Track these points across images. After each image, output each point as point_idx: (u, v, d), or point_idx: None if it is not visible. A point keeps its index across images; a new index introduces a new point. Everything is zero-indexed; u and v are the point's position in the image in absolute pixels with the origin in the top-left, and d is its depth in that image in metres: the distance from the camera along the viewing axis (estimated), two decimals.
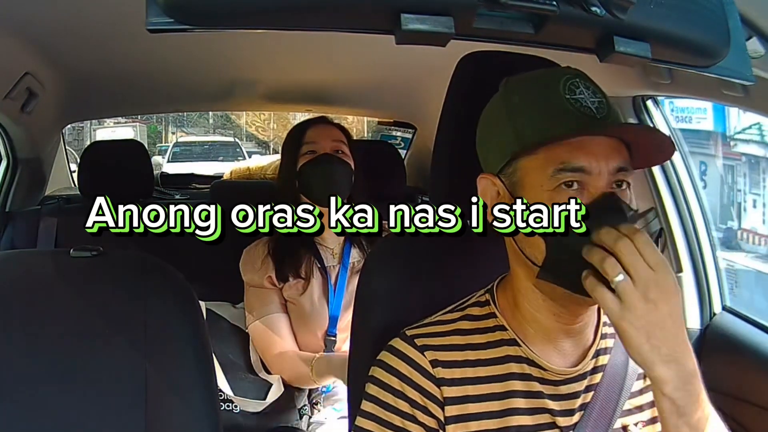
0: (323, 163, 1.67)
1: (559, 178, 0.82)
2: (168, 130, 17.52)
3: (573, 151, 0.82)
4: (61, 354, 1.01)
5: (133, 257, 1.11)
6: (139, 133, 15.45)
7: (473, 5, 0.65)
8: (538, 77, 0.88)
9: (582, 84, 0.85)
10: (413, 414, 0.87)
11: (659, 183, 1.61)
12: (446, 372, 0.88)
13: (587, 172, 0.82)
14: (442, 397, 0.87)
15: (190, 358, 1.04)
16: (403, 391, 0.88)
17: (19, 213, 2.14)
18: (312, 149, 1.68)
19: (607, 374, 0.89)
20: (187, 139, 14.88)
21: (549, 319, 0.87)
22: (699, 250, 1.61)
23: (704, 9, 0.78)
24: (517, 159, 0.85)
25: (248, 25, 0.66)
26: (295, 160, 1.69)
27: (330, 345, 1.65)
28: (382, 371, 0.90)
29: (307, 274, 1.66)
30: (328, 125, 1.74)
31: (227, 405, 1.61)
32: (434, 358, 0.88)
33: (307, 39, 1.62)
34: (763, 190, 3.86)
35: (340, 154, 1.69)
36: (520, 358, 0.88)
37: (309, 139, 1.70)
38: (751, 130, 3.72)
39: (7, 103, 1.65)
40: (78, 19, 1.44)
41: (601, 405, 0.88)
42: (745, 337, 1.46)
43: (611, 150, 0.83)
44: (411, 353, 0.89)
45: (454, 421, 0.87)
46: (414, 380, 0.88)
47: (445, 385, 0.87)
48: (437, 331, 0.90)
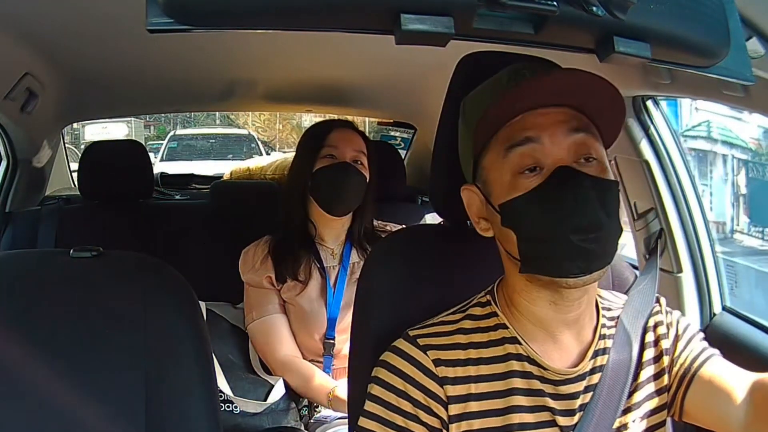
0: (340, 171, 1.65)
1: (510, 158, 0.81)
2: (176, 129, 16.40)
3: (520, 127, 0.82)
4: (61, 354, 1.01)
5: (133, 257, 1.12)
6: (135, 129, 12.83)
7: (473, 5, 0.65)
8: (488, 82, 0.90)
9: (529, 70, 0.85)
10: (416, 414, 0.88)
11: (659, 183, 1.61)
12: (449, 371, 0.88)
13: (537, 142, 0.81)
14: (445, 396, 0.88)
15: (190, 358, 1.04)
16: (406, 390, 0.88)
17: (19, 213, 2.14)
18: (332, 153, 1.67)
19: (609, 375, 0.89)
20: (186, 131, 11.47)
21: (546, 310, 0.88)
22: (699, 250, 1.61)
23: (704, 9, 0.78)
24: (479, 159, 0.86)
25: (248, 25, 0.66)
26: (312, 160, 1.67)
27: (329, 348, 1.65)
28: (385, 371, 0.90)
29: (306, 277, 1.66)
30: (352, 132, 1.72)
31: (227, 405, 1.61)
32: (437, 357, 0.88)
33: (307, 39, 1.62)
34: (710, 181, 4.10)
35: (358, 165, 1.68)
36: (521, 356, 0.89)
37: (331, 142, 1.68)
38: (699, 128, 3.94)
39: (7, 104, 1.65)
40: (78, 19, 1.44)
41: (603, 405, 0.88)
42: (745, 337, 1.46)
43: (565, 118, 0.82)
44: (414, 353, 0.89)
45: (457, 420, 0.87)
46: (417, 380, 0.88)
47: (448, 384, 0.88)
48: (440, 331, 0.91)
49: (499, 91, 0.85)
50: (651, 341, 0.94)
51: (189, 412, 1.02)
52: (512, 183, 0.82)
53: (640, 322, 0.93)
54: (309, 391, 1.62)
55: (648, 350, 0.93)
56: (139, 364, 1.01)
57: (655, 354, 0.93)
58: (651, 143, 1.60)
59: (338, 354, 1.66)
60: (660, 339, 0.94)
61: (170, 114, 10.89)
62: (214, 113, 11.96)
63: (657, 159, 1.60)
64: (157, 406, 1.00)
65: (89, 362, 1.02)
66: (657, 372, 0.93)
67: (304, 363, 1.65)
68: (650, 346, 0.93)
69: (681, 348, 0.93)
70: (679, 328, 0.95)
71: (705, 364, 0.92)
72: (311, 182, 1.66)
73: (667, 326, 0.95)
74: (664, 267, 1.59)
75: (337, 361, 1.66)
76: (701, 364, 0.91)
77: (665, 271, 1.59)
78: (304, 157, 1.70)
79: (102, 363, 1.02)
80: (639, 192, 1.64)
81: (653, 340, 0.94)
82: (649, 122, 1.60)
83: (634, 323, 0.93)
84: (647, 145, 1.60)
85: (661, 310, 0.96)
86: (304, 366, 1.64)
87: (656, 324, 0.94)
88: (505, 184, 0.83)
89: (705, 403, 0.90)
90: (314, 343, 1.66)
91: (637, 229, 1.67)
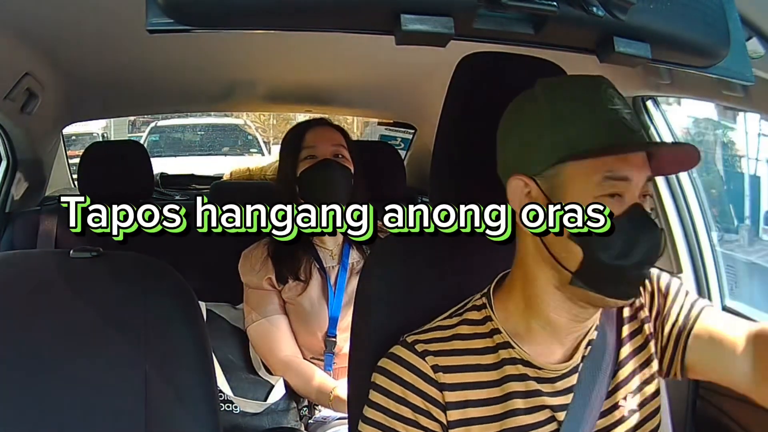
0: (323, 169, 1.65)
1: (605, 186, 0.83)
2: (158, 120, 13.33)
3: (620, 161, 0.84)
4: (61, 354, 1.01)
5: (133, 257, 1.11)
6: (113, 125, 9.47)
7: (473, 6, 0.65)
8: (579, 83, 0.89)
9: (615, 95, 0.87)
10: (416, 419, 0.88)
11: (659, 183, 1.61)
12: (447, 377, 0.88)
13: (629, 181, 0.84)
14: (444, 401, 0.88)
15: (190, 358, 1.04)
16: (405, 397, 0.88)
17: (19, 213, 2.14)
18: (312, 154, 1.67)
19: (589, 357, 0.91)
20: (169, 122, 8.62)
21: (564, 319, 0.88)
22: (699, 250, 1.61)
23: (704, 9, 0.78)
24: (564, 163, 0.85)
25: (248, 26, 0.66)
26: (294, 165, 1.67)
27: (330, 346, 1.65)
28: (384, 378, 0.90)
29: (306, 277, 1.66)
30: (328, 128, 1.72)
31: (227, 405, 1.61)
32: (435, 363, 0.89)
33: (307, 39, 1.62)
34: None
35: (340, 158, 1.68)
36: (515, 360, 0.89)
37: (308, 143, 1.68)
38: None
39: (7, 104, 1.65)
40: (78, 19, 1.43)
41: (586, 386, 0.89)
42: None
43: (644, 162, 0.86)
44: (412, 359, 0.89)
45: (456, 426, 0.88)
46: (416, 386, 0.88)
47: (447, 390, 0.88)
48: (437, 337, 0.91)
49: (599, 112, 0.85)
50: (628, 316, 0.95)
51: (189, 412, 1.02)
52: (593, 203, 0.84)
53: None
54: (310, 391, 1.62)
55: (627, 324, 0.94)
56: (139, 364, 1.01)
57: (634, 327, 0.94)
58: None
59: (339, 352, 1.66)
60: (638, 311, 0.95)
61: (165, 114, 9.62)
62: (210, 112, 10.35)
63: None
64: (157, 406, 1.00)
65: (89, 362, 1.01)
66: (641, 344, 0.94)
67: (304, 363, 1.65)
68: (627, 321, 0.94)
69: (669, 305, 0.94)
70: (660, 286, 0.96)
71: (699, 317, 0.93)
72: (299, 186, 1.66)
73: (646, 293, 0.96)
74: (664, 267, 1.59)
75: (338, 359, 1.66)
76: (695, 319, 0.93)
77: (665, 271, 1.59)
78: (286, 163, 1.70)
79: (102, 363, 1.02)
80: None
81: (630, 315, 0.95)
82: (649, 122, 1.60)
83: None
84: None
85: None
86: (305, 366, 1.64)
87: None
88: (586, 202, 0.83)
89: (706, 357, 0.91)
90: (316, 341, 1.66)
91: None
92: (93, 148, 2.27)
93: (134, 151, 2.21)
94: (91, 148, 2.26)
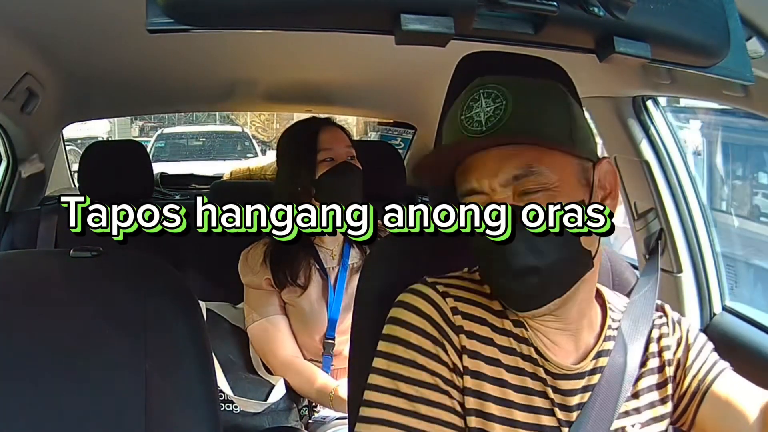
0: (344, 173, 1.65)
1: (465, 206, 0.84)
2: (164, 127, 14.81)
3: (464, 174, 0.84)
4: (61, 354, 1.01)
5: (133, 257, 1.11)
6: (118, 126, 11.85)
7: (473, 5, 0.65)
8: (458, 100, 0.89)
9: (483, 93, 0.84)
10: (436, 353, 0.86)
11: (659, 183, 1.61)
12: (465, 323, 0.87)
13: (481, 193, 0.84)
14: (459, 345, 0.87)
15: (190, 358, 1.04)
16: (425, 328, 0.87)
17: (19, 213, 2.14)
18: (330, 156, 1.66)
19: (606, 376, 0.90)
20: (174, 129, 10.68)
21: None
22: (699, 250, 1.61)
23: (704, 9, 0.78)
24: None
25: (248, 26, 0.66)
26: (312, 167, 1.65)
27: (329, 348, 1.65)
28: (402, 309, 0.89)
29: (305, 281, 1.66)
30: (338, 129, 1.71)
31: (227, 405, 1.61)
32: (455, 306, 0.88)
33: (307, 39, 1.62)
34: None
35: (353, 160, 1.68)
36: (528, 341, 0.89)
37: (325, 144, 1.66)
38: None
39: (7, 104, 1.65)
40: (78, 19, 1.44)
41: (600, 406, 0.88)
42: (745, 337, 1.46)
43: (503, 161, 0.83)
44: (432, 294, 0.88)
45: (471, 394, 0.86)
46: (434, 318, 0.87)
47: (464, 335, 0.87)
48: (459, 284, 0.91)
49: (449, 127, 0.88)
50: (654, 351, 0.94)
51: (189, 412, 1.02)
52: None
53: (641, 329, 0.93)
54: (310, 391, 1.62)
55: (651, 360, 0.93)
56: (139, 364, 1.01)
57: (658, 364, 0.94)
58: (651, 143, 1.60)
59: (338, 354, 1.65)
60: (663, 350, 0.94)
61: (168, 114, 10.54)
62: (214, 112, 11.14)
63: (657, 159, 1.61)
64: (157, 406, 1.00)
65: (89, 362, 1.01)
66: (659, 382, 0.93)
67: (305, 363, 1.65)
68: (653, 356, 0.94)
69: (693, 357, 0.94)
70: (689, 337, 0.96)
71: (718, 378, 0.92)
72: (316, 188, 1.65)
73: (674, 337, 0.95)
74: (664, 267, 1.59)
75: (336, 361, 1.66)
76: (714, 379, 0.92)
77: (665, 271, 1.59)
78: (301, 165, 1.67)
79: (102, 363, 1.02)
80: (639, 192, 1.64)
81: (657, 351, 0.94)
82: (649, 122, 1.60)
83: (635, 329, 0.93)
84: (647, 146, 1.60)
85: (666, 321, 0.96)
86: (306, 366, 1.64)
87: (660, 335, 0.95)
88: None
89: (718, 420, 0.91)
90: (314, 343, 1.66)
91: (637, 229, 1.67)
92: (93, 148, 2.27)
93: (134, 151, 2.21)
94: (91, 148, 2.26)
